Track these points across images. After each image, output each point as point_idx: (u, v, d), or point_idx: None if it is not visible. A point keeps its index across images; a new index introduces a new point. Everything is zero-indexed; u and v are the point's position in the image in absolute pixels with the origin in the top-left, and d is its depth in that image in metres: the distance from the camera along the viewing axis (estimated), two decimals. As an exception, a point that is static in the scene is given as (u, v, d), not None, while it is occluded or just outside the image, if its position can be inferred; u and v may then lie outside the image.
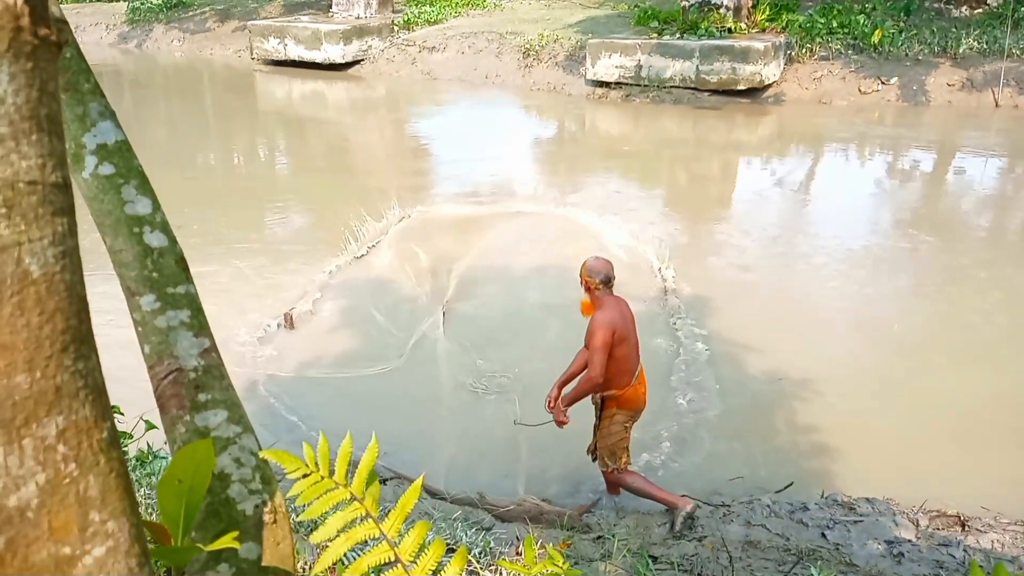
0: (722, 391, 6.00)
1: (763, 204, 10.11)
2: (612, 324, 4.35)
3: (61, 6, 1.14)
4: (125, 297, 1.58)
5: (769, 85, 14.90)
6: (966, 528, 4.41)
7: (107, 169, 1.53)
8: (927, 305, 7.30)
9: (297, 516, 3.16)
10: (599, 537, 4.32)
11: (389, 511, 1.43)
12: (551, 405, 4.67)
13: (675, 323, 7.02)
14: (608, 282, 4.44)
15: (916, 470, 5.12)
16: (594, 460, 4.81)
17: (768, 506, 4.61)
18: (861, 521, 4.42)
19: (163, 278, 1.53)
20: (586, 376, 4.41)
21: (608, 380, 4.47)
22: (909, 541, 4.25)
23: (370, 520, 1.37)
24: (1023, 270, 7.91)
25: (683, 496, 4.61)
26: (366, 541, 1.48)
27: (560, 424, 4.66)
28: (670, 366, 6.36)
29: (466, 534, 4.02)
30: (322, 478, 1.39)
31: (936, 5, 17.49)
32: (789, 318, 7.08)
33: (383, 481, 4.81)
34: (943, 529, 4.42)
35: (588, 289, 4.49)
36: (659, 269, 8.00)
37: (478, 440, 5.56)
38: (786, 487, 4.92)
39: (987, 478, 5.02)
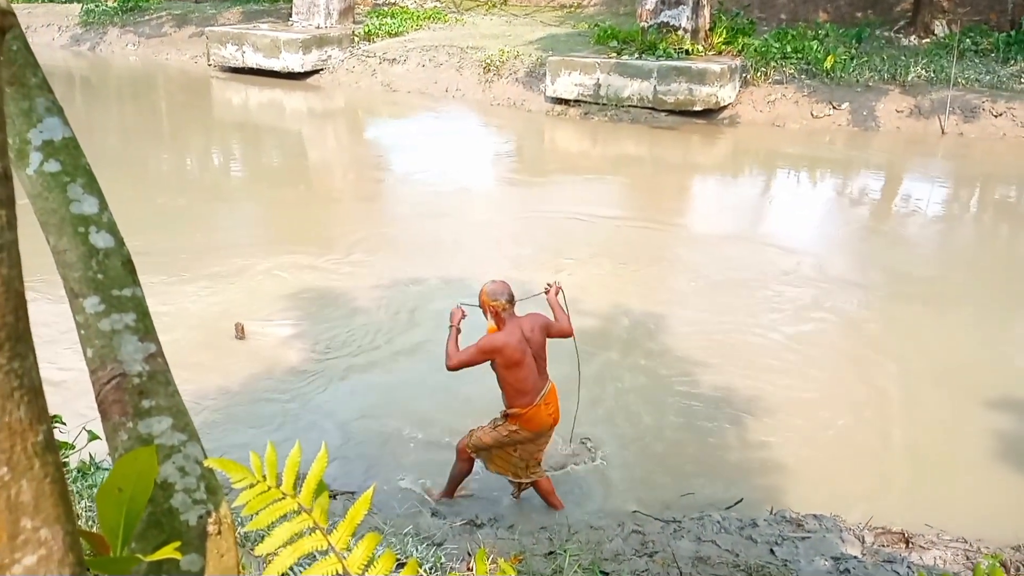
0: (672, 407, 6.04)
1: (715, 223, 10.25)
2: (499, 348, 4.47)
3: (12, 5, 1.10)
4: (68, 299, 1.53)
5: (725, 107, 15.14)
6: (910, 545, 4.49)
7: (53, 166, 1.48)
8: (874, 324, 7.44)
9: (243, 527, 3.09)
10: (551, 552, 4.30)
11: (338, 524, 1.40)
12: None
13: (626, 339, 7.06)
14: (512, 301, 4.52)
15: (863, 487, 5.20)
16: (524, 480, 4.91)
17: (718, 522, 4.64)
18: (809, 537, 4.47)
19: (108, 280, 1.49)
20: (448, 359, 4.54)
21: (510, 400, 4.61)
22: (855, 557, 4.31)
23: (318, 532, 1.33)
24: (968, 290, 8.12)
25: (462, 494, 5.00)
26: (314, 554, 1.45)
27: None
28: (621, 380, 6.38)
29: (417, 549, 3.97)
30: (269, 488, 1.35)
31: (886, 34, 17.99)
32: (739, 336, 7.16)
33: (333, 496, 4.74)
34: (888, 546, 4.49)
35: (495, 313, 4.53)
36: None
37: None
38: (736, 503, 4.97)
39: (931, 496, 5.13)
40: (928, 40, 17.33)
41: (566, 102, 16.00)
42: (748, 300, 7.90)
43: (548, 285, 5.01)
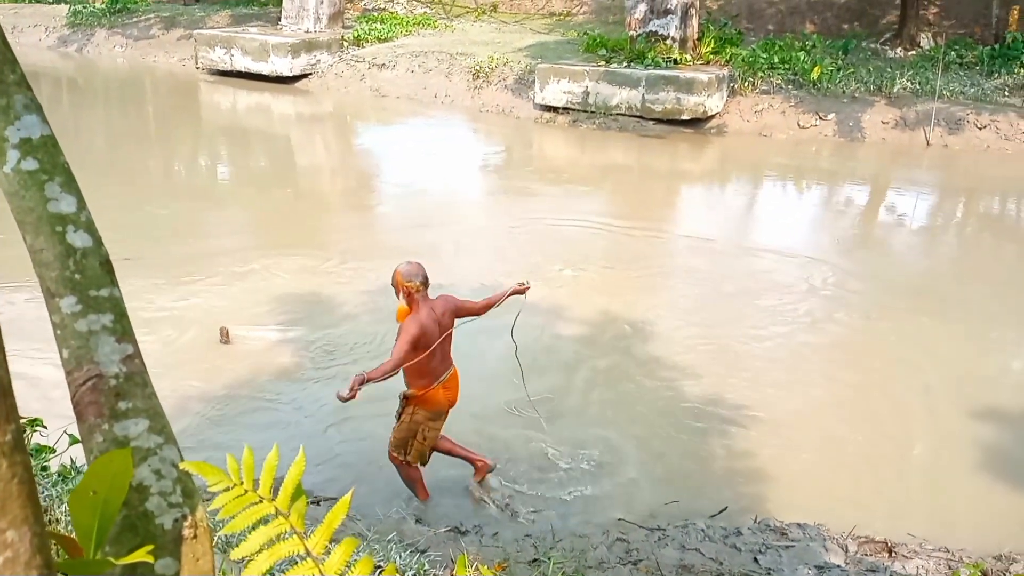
0: (659, 415, 6.04)
1: (703, 232, 10.27)
2: (420, 333, 4.49)
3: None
4: (44, 299, 1.51)
5: (712, 116, 15.21)
6: (893, 554, 4.50)
7: (30, 164, 1.47)
8: (861, 334, 7.47)
9: (220, 531, 3.06)
10: (535, 560, 4.29)
11: (316, 528, 1.38)
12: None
13: (613, 346, 7.07)
14: (426, 283, 4.58)
15: (846, 496, 5.21)
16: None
17: (702, 530, 4.64)
18: (792, 546, 4.48)
19: (86, 280, 1.47)
20: (388, 363, 4.49)
21: (410, 381, 4.68)
22: (838, 567, 4.32)
23: (295, 536, 1.32)
24: (955, 302, 8.17)
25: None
26: (291, 559, 1.43)
27: (342, 398, 4.47)
28: (609, 387, 6.38)
29: (400, 555, 3.95)
30: (246, 491, 1.34)
31: (872, 46, 18.12)
32: (726, 345, 7.17)
33: (316, 503, 4.71)
34: (871, 555, 4.50)
35: (408, 294, 4.57)
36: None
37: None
38: (720, 512, 4.97)
39: (913, 505, 5.15)
40: (914, 52, 17.48)
41: (555, 109, 16.04)
42: (736, 309, 7.92)
43: (520, 283, 5.05)
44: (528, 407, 5.63)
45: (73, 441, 3.54)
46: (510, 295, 5.02)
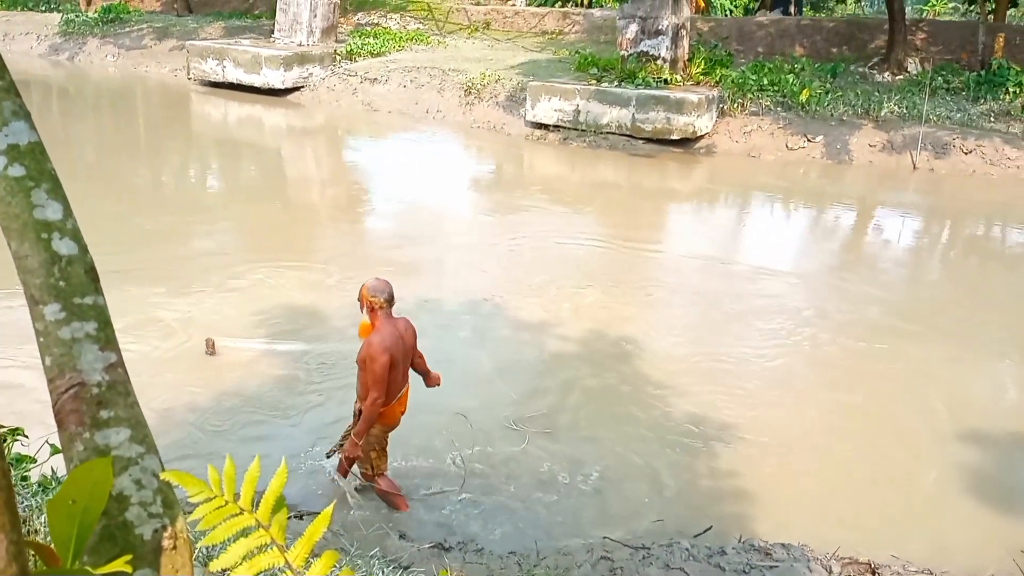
0: (645, 433, 6.04)
1: (692, 250, 10.31)
2: (390, 349, 4.53)
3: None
4: (28, 306, 1.50)
5: (701, 136, 15.31)
6: (876, 575, 4.50)
7: (17, 171, 1.46)
8: (847, 356, 7.50)
9: (199, 543, 3.03)
10: (518, 577, 4.26)
11: (297, 541, 1.38)
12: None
13: (601, 362, 7.07)
14: (391, 300, 4.62)
15: (830, 517, 5.22)
16: (328, 457, 5.12)
17: (687, 549, 4.63)
18: (776, 567, 4.47)
19: (70, 287, 1.46)
20: (368, 404, 4.57)
21: (366, 395, 4.65)
22: (822, 587, 4.31)
23: (275, 548, 1.31)
24: (939, 324, 8.21)
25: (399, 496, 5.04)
26: (272, 572, 1.42)
27: (352, 459, 4.84)
28: (595, 404, 6.38)
29: (383, 571, 3.92)
30: (226, 503, 1.33)
31: (861, 69, 18.32)
32: (713, 364, 7.19)
33: (299, 517, 4.67)
34: None
35: (371, 310, 4.62)
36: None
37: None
38: (705, 531, 4.96)
39: (897, 527, 5.16)
40: (901, 77, 17.68)
41: (545, 127, 16.11)
42: (725, 328, 7.94)
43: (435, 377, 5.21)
44: (523, 423, 5.62)
45: (55, 451, 3.51)
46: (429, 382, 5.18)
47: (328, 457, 5.18)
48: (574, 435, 6.00)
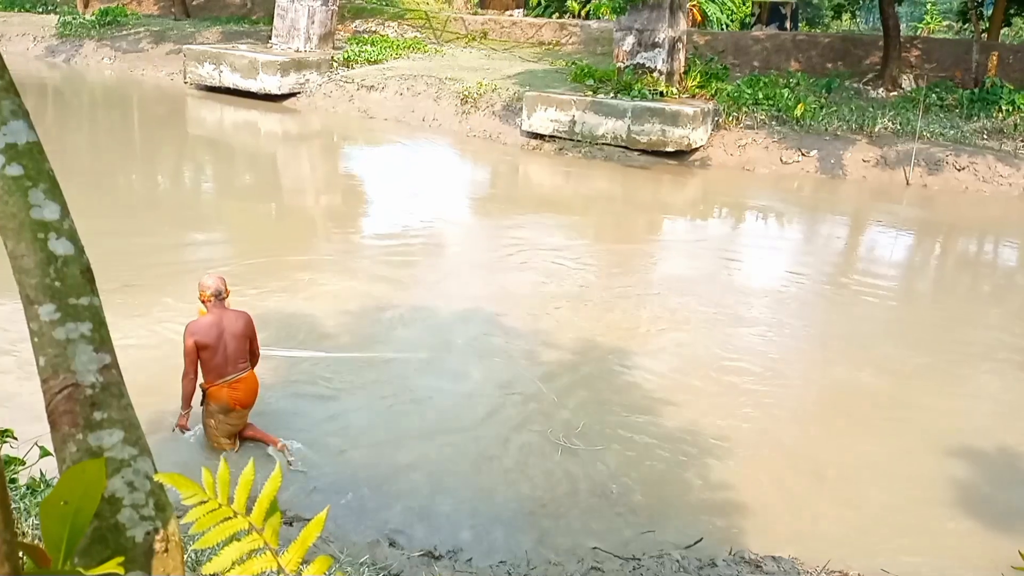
0: (636, 444, 6.04)
1: (681, 264, 10.34)
2: (196, 332, 5.29)
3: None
4: (23, 305, 1.50)
5: (696, 149, 15.37)
6: (866, 589, 4.49)
7: (15, 170, 1.46)
8: (838, 371, 7.52)
9: (192, 546, 3.01)
10: (507, 586, 4.25)
11: (289, 545, 1.37)
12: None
13: (593, 374, 7.07)
14: (218, 295, 5.40)
15: (821, 531, 5.22)
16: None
17: (677, 561, 4.63)
18: (766, 579, 4.47)
19: (66, 288, 1.46)
20: (182, 377, 5.42)
21: (204, 374, 5.41)
22: (811, 600, 4.31)
23: (268, 553, 1.30)
24: (927, 341, 8.25)
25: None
26: (263, 575, 1.41)
27: (181, 428, 5.60)
28: (586, 415, 6.37)
29: (372, 579, 3.91)
30: (220, 506, 1.32)
31: (855, 85, 18.43)
32: (703, 376, 7.19)
33: (289, 524, 4.65)
34: (844, 589, 4.49)
35: (204, 300, 5.43)
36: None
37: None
38: (695, 543, 4.95)
39: (887, 542, 5.15)
40: (895, 93, 17.79)
41: (541, 137, 16.15)
42: (715, 340, 7.95)
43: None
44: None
45: (44, 454, 3.48)
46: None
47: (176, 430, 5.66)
48: (566, 446, 5.99)
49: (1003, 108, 15.67)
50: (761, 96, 16.18)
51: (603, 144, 15.58)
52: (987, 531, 5.31)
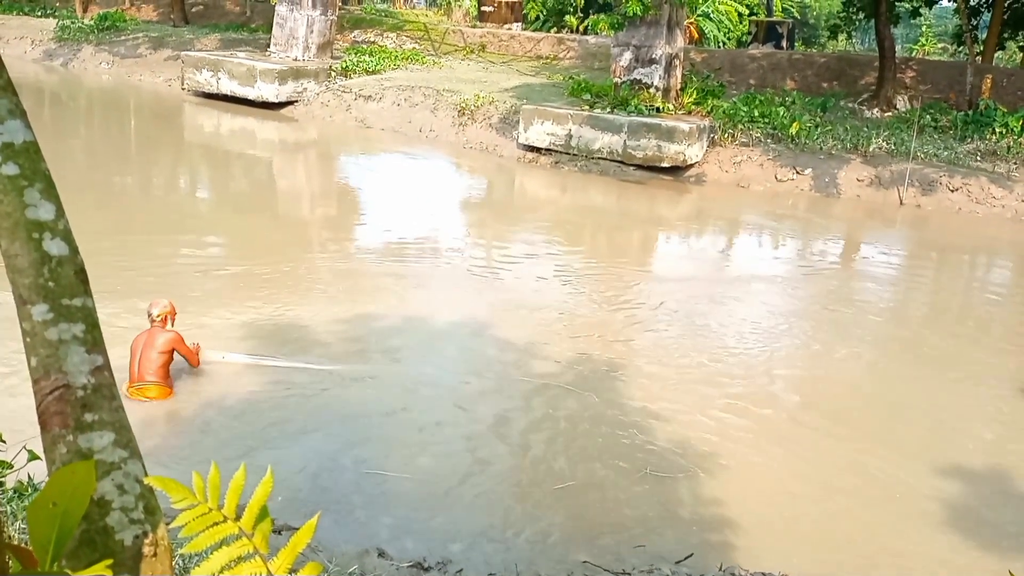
0: (628, 457, 6.02)
1: (674, 279, 10.35)
2: (131, 343, 6.26)
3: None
4: (16, 305, 1.49)
5: (692, 165, 15.42)
6: (856, 607, 4.48)
7: (11, 169, 1.45)
8: (829, 388, 7.53)
9: (181, 550, 2.99)
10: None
11: (279, 551, 1.36)
12: None
13: (585, 386, 7.06)
14: (150, 317, 6.37)
15: (811, 547, 5.20)
16: None
17: (668, 575, 4.61)
18: (756, 595, 4.45)
19: (59, 288, 1.45)
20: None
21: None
22: (801, 617, 4.29)
23: (258, 558, 1.29)
24: (919, 360, 8.26)
25: None
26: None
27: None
28: (578, 427, 6.36)
29: (360, 589, 3.88)
30: (210, 510, 1.31)
31: (850, 105, 18.54)
32: (697, 391, 7.19)
33: (278, 532, 4.62)
34: (834, 607, 4.48)
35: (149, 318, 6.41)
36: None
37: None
38: (686, 558, 4.94)
39: (877, 559, 5.15)
40: (890, 114, 17.89)
41: (537, 150, 16.19)
42: (707, 354, 7.96)
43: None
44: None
45: (32, 457, 3.45)
46: None
47: None
48: (557, 457, 5.97)
49: (996, 130, 15.76)
50: (757, 114, 16.26)
51: (599, 158, 15.62)
52: (979, 550, 5.31)
